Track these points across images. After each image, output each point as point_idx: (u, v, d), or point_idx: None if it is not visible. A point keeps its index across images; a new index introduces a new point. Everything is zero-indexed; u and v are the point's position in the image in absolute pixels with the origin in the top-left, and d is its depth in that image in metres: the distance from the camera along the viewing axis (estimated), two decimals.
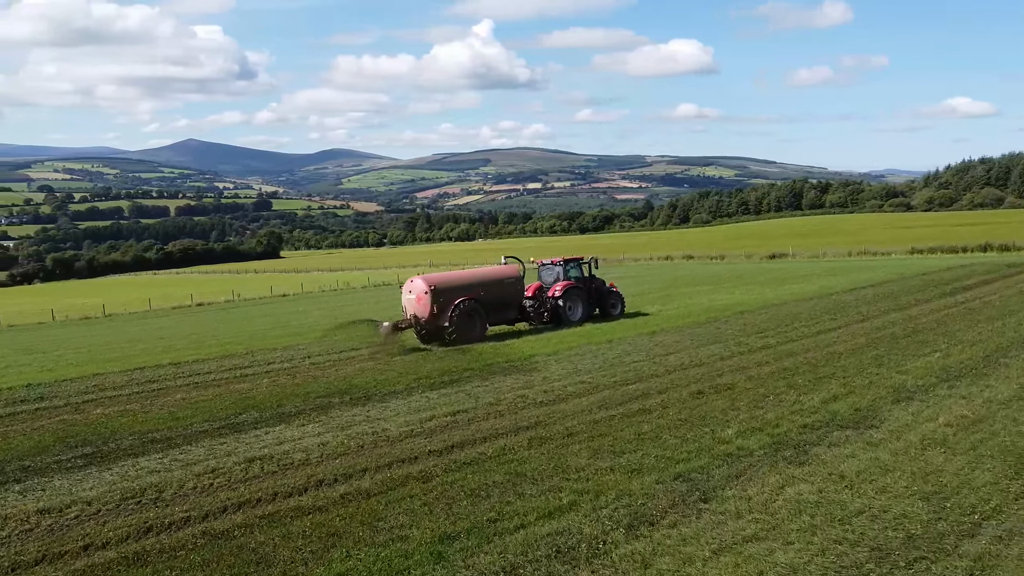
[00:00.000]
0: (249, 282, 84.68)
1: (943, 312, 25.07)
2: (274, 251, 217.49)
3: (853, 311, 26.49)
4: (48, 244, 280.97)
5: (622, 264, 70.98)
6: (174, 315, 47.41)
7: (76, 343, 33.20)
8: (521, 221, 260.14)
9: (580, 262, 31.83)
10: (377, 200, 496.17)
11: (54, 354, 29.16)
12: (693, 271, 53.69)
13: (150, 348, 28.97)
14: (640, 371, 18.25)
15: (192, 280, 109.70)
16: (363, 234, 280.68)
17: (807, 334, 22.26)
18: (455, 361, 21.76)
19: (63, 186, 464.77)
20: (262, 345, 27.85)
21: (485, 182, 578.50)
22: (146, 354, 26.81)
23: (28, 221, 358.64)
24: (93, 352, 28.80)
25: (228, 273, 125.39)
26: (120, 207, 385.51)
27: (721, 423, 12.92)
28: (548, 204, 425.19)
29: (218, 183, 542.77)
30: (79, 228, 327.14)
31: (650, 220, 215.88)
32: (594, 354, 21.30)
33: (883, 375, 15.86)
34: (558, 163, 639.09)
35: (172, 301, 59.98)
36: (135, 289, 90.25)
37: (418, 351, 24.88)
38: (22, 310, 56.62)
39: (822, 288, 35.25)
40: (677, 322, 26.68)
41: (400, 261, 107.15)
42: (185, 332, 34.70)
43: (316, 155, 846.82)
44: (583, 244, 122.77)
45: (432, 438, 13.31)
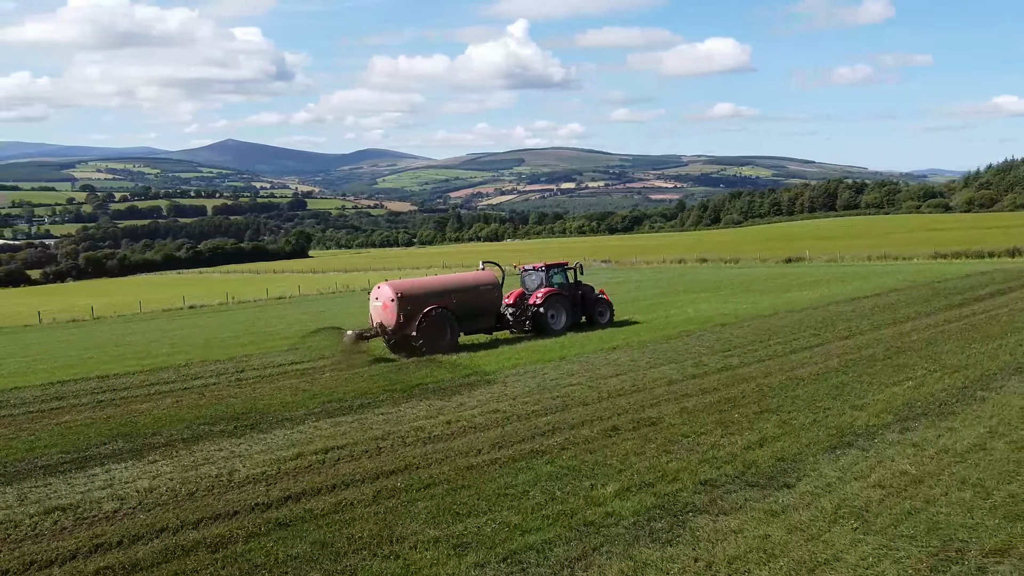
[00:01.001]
0: (269, 282, 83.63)
1: (940, 328, 22.48)
2: (302, 250, 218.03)
3: (842, 325, 24.01)
4: (87, 243, 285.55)
5: (636, 267, 68.54)
6: (160, 318, 46.29)
7: (32, 350, 31.98)
8: (551, 221, 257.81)
9: (565, 268, 29.85)
10: (411, 200, 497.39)
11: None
12: (700, 276, 51.13)
13: (90, 358, 27.54)
14: (570, 398, 16.11)
15: (210, 280, 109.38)
16: (393, 234, 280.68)
17: (778, 353, 19.91)
18: (391, 378, 19.95)
19: (105, 186, 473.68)
20: (208, 356, 26.21)
21: (519, 182, 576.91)
22: (76, 366, 25.35)
23: (70, 220, 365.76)
24: (30, 361, 27.48)
25: (249, 273, 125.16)
26: (159, 206, 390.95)
27: (611, 474, 10.79)
28: (582, 204, 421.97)
29: (255, 183, 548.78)
30: (118, 227, 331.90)
31: (680, 221, 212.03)
32: (535, 374, 19.22)
33: (834, 411, 13.54)
34: (593, 163, 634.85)
35: (179, 302, 59.05)
36: (149, 289, 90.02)
37: (385, 361, 23.31)
38: (16, 311, 56.11)
39: (822, 297, 32.65)
40: (648, 336, 24.44)
41: (423, 262, 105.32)
42: (147, 339, 33.32)
43: (352, 155, 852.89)
44: (599, 245, 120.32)
45: (276, 484, 11.38)
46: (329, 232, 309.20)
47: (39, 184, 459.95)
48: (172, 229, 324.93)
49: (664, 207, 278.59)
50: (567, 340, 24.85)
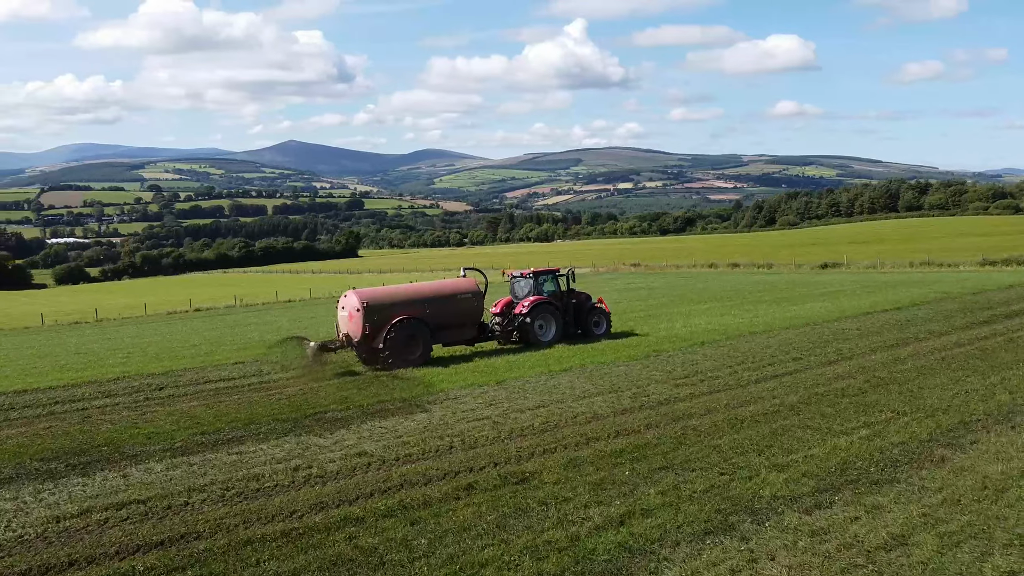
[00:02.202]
0: (306, 281, 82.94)
1: (944, 353, 19.31)
2: (352, 250, 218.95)
3: (834, 347, 21.01)
4: (151, 241, 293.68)
5: (663, 272, 65.28)
6: (156, 321, 45.32)
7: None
8: (604, 222, 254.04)
9: (556, 274, 27.49)
10: (467, 200, 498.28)
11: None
12: (720, 284, 47.81)
13: (32, 367, 26.15)
14: (463, 437, 13.73)
15: (248, 279, 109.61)
16: (445, 234, 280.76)
17: (740, 382, 17.14)
18: (312, 401, 17.95)
19: (172, 186, 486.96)
20: (146, 369, 24.50)
21: (576, 182, 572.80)
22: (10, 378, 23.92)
23: (137, 219, 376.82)
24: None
25: (289, 273, 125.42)
26: (221, 206, 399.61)
27: (407, 562, 8.37)
28: (639, 204, 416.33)
29: (316, 183, 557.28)
30: (182, 226, 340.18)
31: (734, 222, 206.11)
32: (457, 400, 16.93)
33: (745, 471, 10.85)
34: (651, 162, 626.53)
35: (207, 302, 58.44)
36: (184, 288, 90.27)
37: (350, 375, 21.57)
38: (25, 311, 56.14)
39: (833, 311, 29.39)
40: (614, 355, 21.81)
41: (464, 262, 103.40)
42: (114, 345, 32.01)
43: (410, 155, 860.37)
44: (633, 248, 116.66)
45: (22, 555, 9.29)
46: (384, 231, 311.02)
47: (110, 184, 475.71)
48: (232, 228, 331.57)
49: (721, 208, 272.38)
50: (521, 358, 22.38)
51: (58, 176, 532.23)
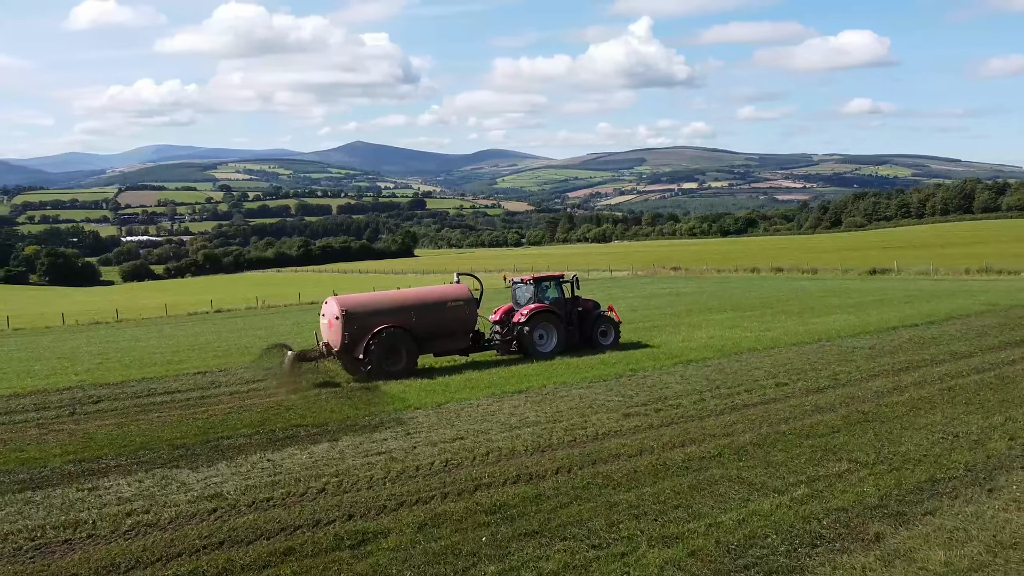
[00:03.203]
0: (350, 281, 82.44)
1: (953, 382, 16.58)
2: (408, 250, 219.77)
3: (829, 371, 18.49)
4: (219, 239, 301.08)
5: (704, 276, 62.20)
6: (171, 322, 44.85)
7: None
8: (663, 222, 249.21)
9: (559, 281, 25.60)
10: (529, 199, 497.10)
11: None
12: (750, 290, 44.77)
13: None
14: (343, 478, 11.95)
15: (298, 278, 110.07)
16: (503, 234, 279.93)
17: (700, 413, 14.90)
18: (246, 419, 16.50)
19: (242, 186, 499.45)
20: (117, 376, 23.44)
21: (639, 182, 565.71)
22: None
23: (207, 218, 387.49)
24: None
25: (336, 272, 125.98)
26: (288, 205, 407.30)
27: None
28: (703, 204, 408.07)
29: (380, 183, 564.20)
30: (249, 224, 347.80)
31: (797, 223, 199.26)
32: (381, 428, 15.08)
33: (621, 545, 8.72)
34: (716, 162, 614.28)
35: (247, 302, 58.26)
36: (232, 286, 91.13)
37: (330, 386, 20.32)
38: (56, 310, 56.63)
39: (856, 325, 26.54)
40: (582, 374, 19.66)
41: (520, 263, 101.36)
42: (96, 350, 31.23)
43: (473, 155, 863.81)
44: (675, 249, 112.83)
45: None
46: (444, 231, 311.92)
47: (183, 184, 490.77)
48: (297, 227, 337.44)
49: (786, 208, 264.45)
50: (481, 376, 20.40)
51: (136, 176, 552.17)
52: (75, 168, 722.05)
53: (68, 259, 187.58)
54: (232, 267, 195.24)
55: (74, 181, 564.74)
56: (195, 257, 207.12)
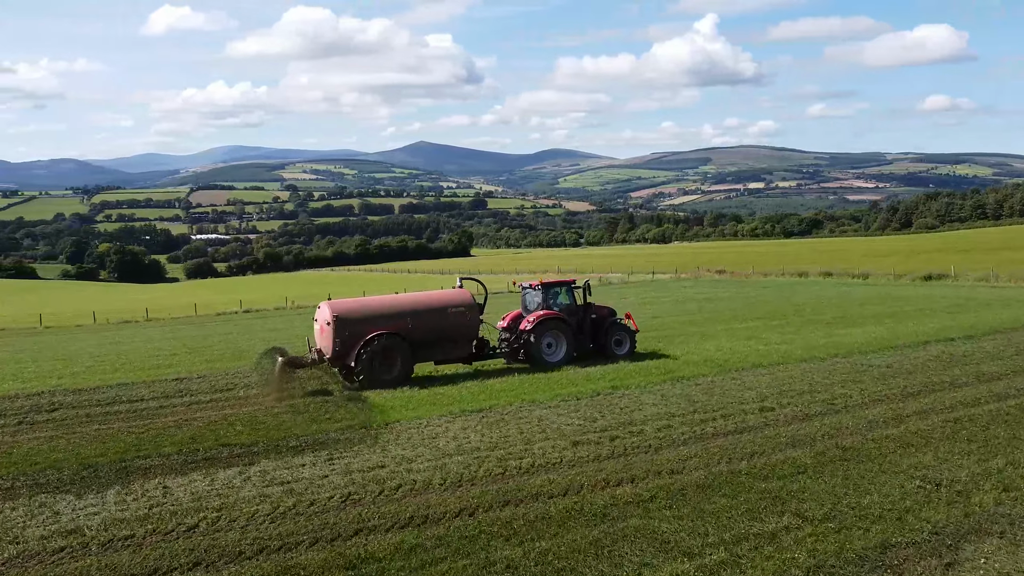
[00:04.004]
0: (399, 281, 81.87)
1: (964, 411, 14.48)
2: (464, 249, 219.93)
3: (827, 394, 16.51)
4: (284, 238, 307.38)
5: (748, 280, 59.42)
6: (198, 322, 44.76)
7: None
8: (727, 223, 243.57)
9: (570, 286, 24.09)
10: (590, 199, 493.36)
11: None
12: (788, 296, 42.15)
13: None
14: (212, 516, 10.70)
15: (347, 277, 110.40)
16: (561, 234, 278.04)
17: (661, 443, 13.29)
18: (184, 433, 15.50)
19: (308, 185, 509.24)
20: (101, 381, 22.86)
21: (704, 181, 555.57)
22: None
23: (274, 217, 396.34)
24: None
25: (387, 272, 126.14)
26: (351, 205, 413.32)
27: None
28: (770, 205, 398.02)
29: (442, 182, 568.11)
30: (314, 223, 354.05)
31: (865, 224, 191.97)
32: (304, 451, 13.82)
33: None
34: (784, 161, 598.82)
35: (277, 301, 58.26)
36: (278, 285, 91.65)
37: (321, 394, 19.21)
38: (104, 307, 57.45)
39: (884, 338, 24.21)
40: (559, 390, 18.09)
41: (575, 263, 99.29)
42: (101, 351, 30.89)
43: (535, 155, 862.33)
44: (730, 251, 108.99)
45: None
46: (503, 231, 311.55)
47: (251, 184, 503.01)
48: (360, 226, 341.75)
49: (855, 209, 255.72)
50: (452, 391, 18.98)
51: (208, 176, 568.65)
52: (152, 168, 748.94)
53: (135, 256, 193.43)
54: (292, 265, 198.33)
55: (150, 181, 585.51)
56: (256, 255, 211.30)
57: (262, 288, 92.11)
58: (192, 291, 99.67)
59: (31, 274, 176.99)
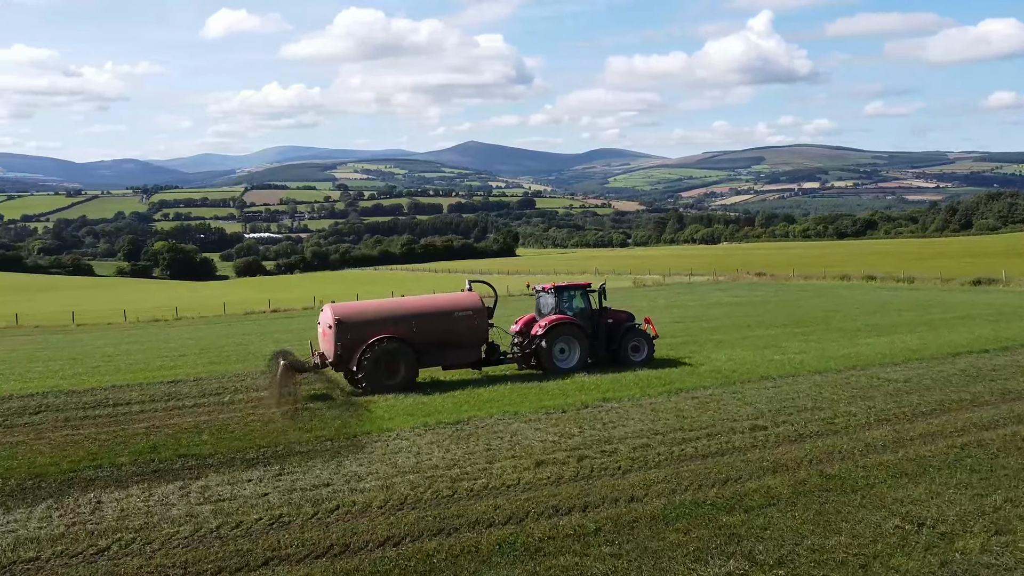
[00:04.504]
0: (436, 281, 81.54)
1: (975, 435, 13.17)
2: (509, 249, 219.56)
3: (829, 411, 15.27)
4: (334, 237, 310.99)
5: (788, 283, 57.39)
6: (223, 321, 44.88)
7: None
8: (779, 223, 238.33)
9: (585, 290, 23.26)
10: (640, 199, 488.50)
11: None
12: (821, 301, 40.32)
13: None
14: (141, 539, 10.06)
15: (381, 276, 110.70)
16: (608, 234, 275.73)
17: (624, 468, 12.28)
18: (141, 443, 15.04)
19: (359, 185, 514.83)
20: (98, 382, 22.70)
21: (756, 181, 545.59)
22: None
23: (325, 216, 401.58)
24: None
25: (427, 271, 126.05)
26: (401, 204, 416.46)
27: None
28: (825, 205, 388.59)
29: (492, 182, 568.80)
30: (363, 223, 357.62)
31: (922, 225, 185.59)
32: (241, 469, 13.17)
33: None
34: (840, 161, 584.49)
35: (307, 301, 58.39)
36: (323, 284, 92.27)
37: (321, 400, 18.93)
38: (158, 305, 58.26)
39: (914, 348, 22.72)
40: (554, 401, 17.19)
41: (605, 265, 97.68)
42: (114, 351, 30.88)
43: (585, 155, 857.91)
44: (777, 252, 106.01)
45: None
46: (551, 231, 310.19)
47: (303, 184, 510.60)
48: (408, 226, 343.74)
49: (913, 210, 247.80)
50: (436, 400, 18.20)
51: (262, 176, 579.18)
52: (208, 168, 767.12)
53: (187, 254, 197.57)
54: (338, 264, 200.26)
55: (207, 181, 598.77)
56: (304, 254, 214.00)
57: (302, 287, 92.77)
58: (234, 289, 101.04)
59: (88, 271, 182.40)
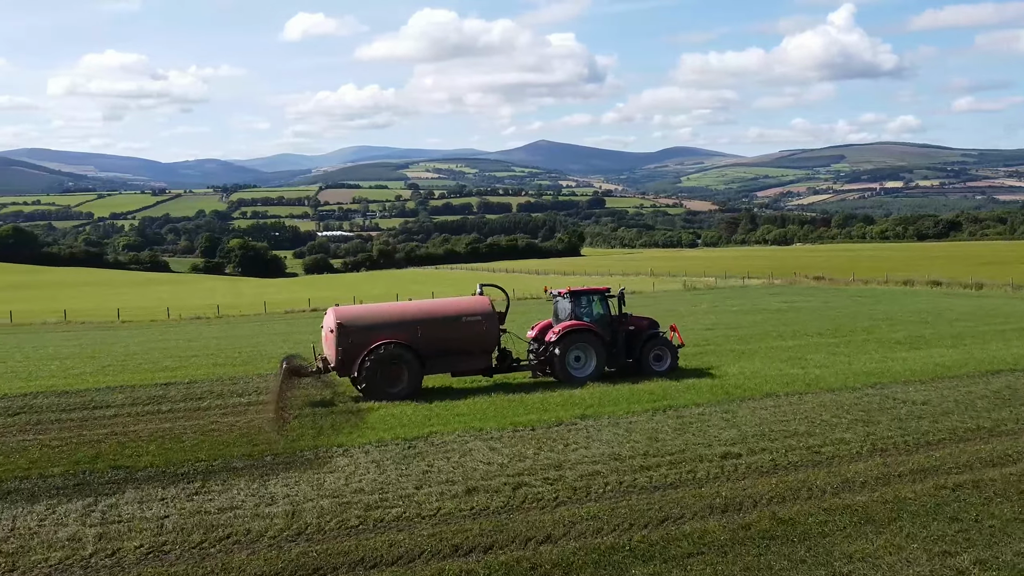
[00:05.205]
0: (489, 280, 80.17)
1: (974, 475, 11.46)
2: (574, 249, 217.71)
3: (837, 434, 13.65)
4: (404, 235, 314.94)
5: (844, 287, 54.41)
6: (258, 320, 45.06)
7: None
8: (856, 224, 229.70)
9: (604, 295, 22.13)
10: (713, 199, 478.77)
11: None
12: (874, 309, 37.66)
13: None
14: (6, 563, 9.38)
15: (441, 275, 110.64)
16: (678, 234, 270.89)
17: (581, 494, 11.11)
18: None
19: (430, 184, 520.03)
20: (96, 383, 22.60)
21: (836, 180, 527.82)
22: None
23: (396, 215, 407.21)
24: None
25: (486, 271, 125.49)
26: (470, 203, 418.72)
27: None
28: (908, 205, 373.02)
29: (562, 181, 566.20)
30: (432, 221, 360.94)
31: (1010, 227, 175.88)
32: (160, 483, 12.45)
33: None
34: (926, 159, 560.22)
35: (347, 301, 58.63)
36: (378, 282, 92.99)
37: (321, 406, 18.42)
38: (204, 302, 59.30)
39: (950, 363, 20.67)
40: (528, 417, 16.05)
41: (660, 266, 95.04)
42: (137, 349, 31.01)
43: (657, 153, 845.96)
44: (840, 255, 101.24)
45: None
46: (620, 231, 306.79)
47: (376, 183, 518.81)
48: (477, 225, 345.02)
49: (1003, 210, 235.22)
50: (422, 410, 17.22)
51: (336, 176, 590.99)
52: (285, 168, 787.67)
53: (258, 252, 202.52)
54: (403, 262, 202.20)
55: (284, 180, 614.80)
56: (370, 252, 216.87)
57: (359, 285, 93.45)
58: (293, 286, 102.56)
59: (164, 267, 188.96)
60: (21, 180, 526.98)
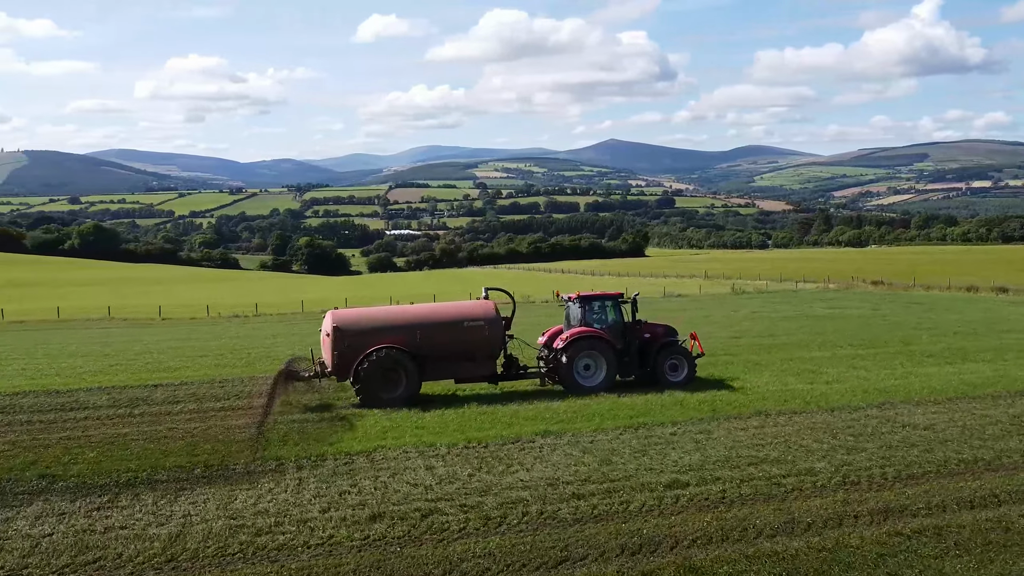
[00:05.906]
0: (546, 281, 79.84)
1: (950, 518, 9.95)
2: (638, 249, 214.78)
3: (810, 463, 12.27)
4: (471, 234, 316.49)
5: (904, 292, 51.41)
6: (289, 320, 45.19)
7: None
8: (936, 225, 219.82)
9: (617, 300, 21.13)
10: (788, 199, 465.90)
11: None
12: (914, 317, 35.24)
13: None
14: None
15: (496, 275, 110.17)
16: (748, 235, 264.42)
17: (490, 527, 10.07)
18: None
19: (498, 183, 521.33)
20: (89, 383, 22.64)
21: (918, 180, 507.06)
22: None
23: (464, 214, 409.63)
24: None
25: (542, 271, 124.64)
26: (537, 203, 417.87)
27: None
28: (996, 206, 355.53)
29: (631, 180, 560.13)
30: (499, 221, 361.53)
31: None
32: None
33: None
34: (1017, 157, 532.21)
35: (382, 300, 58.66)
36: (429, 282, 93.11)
37: (320, 410, 18.21)
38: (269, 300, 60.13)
39: (981, 380, 18.87)
40: (492, 432, 15.15)
41: (716, 268, 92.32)
42: (150, 347, 31.20)
43: (730, 152, 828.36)
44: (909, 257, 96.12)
45: None
46: (688, 231, 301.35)
47: (444, 182, 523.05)
48: (543, 224, 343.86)
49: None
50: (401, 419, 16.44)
51: (407, 175, 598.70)
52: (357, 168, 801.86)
53: (324, 250, 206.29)
54: (465, 261, 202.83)
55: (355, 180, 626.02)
56: (434, 251, 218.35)
57: (411, 284, 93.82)
58: (349, 285, 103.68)
59: (234, 264, 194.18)
60: (110, 180, 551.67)
